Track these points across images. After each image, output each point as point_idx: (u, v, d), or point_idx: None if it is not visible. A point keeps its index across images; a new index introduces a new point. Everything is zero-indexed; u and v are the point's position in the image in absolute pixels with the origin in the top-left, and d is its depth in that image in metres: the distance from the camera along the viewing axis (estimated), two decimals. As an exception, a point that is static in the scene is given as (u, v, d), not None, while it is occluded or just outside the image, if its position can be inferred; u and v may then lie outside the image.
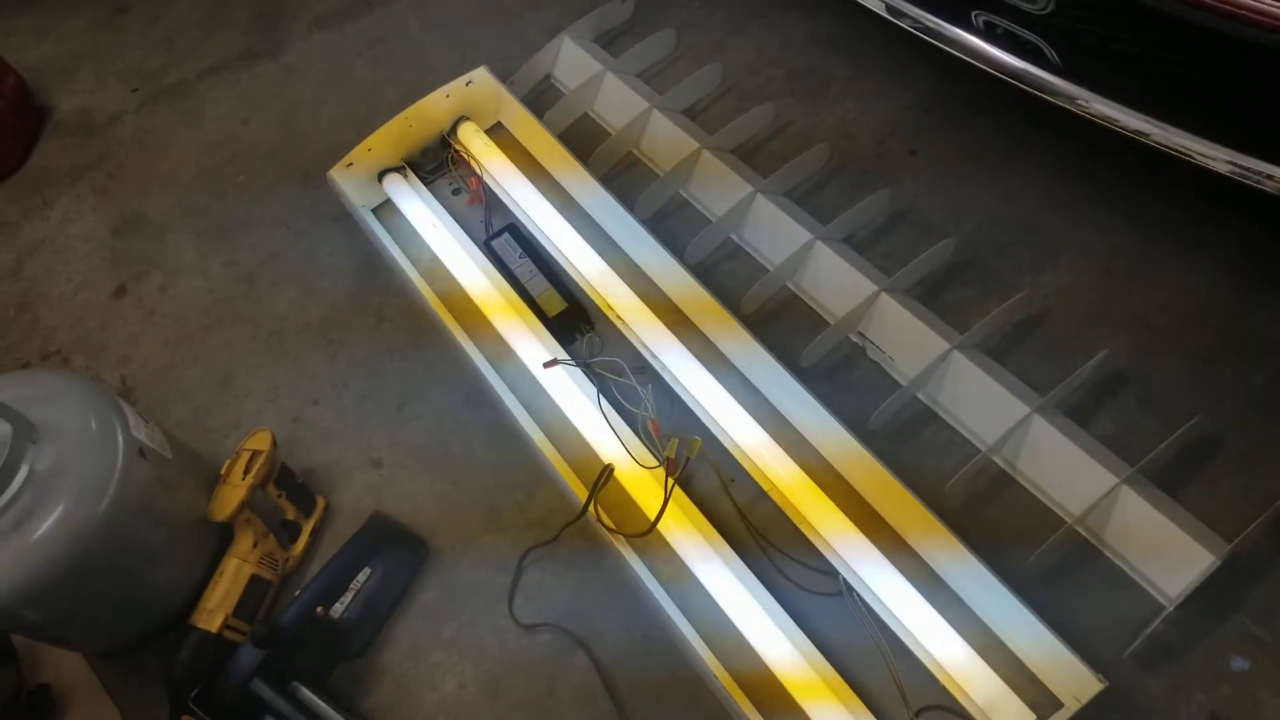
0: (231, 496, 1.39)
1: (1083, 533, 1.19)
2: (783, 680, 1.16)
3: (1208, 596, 1.09)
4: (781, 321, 1.47)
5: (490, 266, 1.59)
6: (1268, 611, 1.10)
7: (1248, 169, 1.13)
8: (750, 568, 1.24)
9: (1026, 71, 1.27)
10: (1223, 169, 1.15)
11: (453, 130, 1.74)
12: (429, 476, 1.51)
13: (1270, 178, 1.12)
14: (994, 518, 1.23)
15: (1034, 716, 1.05)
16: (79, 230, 2.02)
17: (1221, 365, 1.24)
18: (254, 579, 1.40)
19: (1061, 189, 1.45)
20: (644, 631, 1.29)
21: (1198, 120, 1.16)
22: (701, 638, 1.20)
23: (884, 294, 1.33)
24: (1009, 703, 1.07)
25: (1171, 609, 1.08)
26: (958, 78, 1.62)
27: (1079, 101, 1.24)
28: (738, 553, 1.26)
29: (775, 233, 1.48)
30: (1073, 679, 1.04)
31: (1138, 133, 1.19)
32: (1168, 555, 1.10)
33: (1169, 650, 1.11)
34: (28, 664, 1.47)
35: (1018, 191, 1.47)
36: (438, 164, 1.75)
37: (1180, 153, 1.18)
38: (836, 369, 1.40)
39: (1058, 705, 1.06)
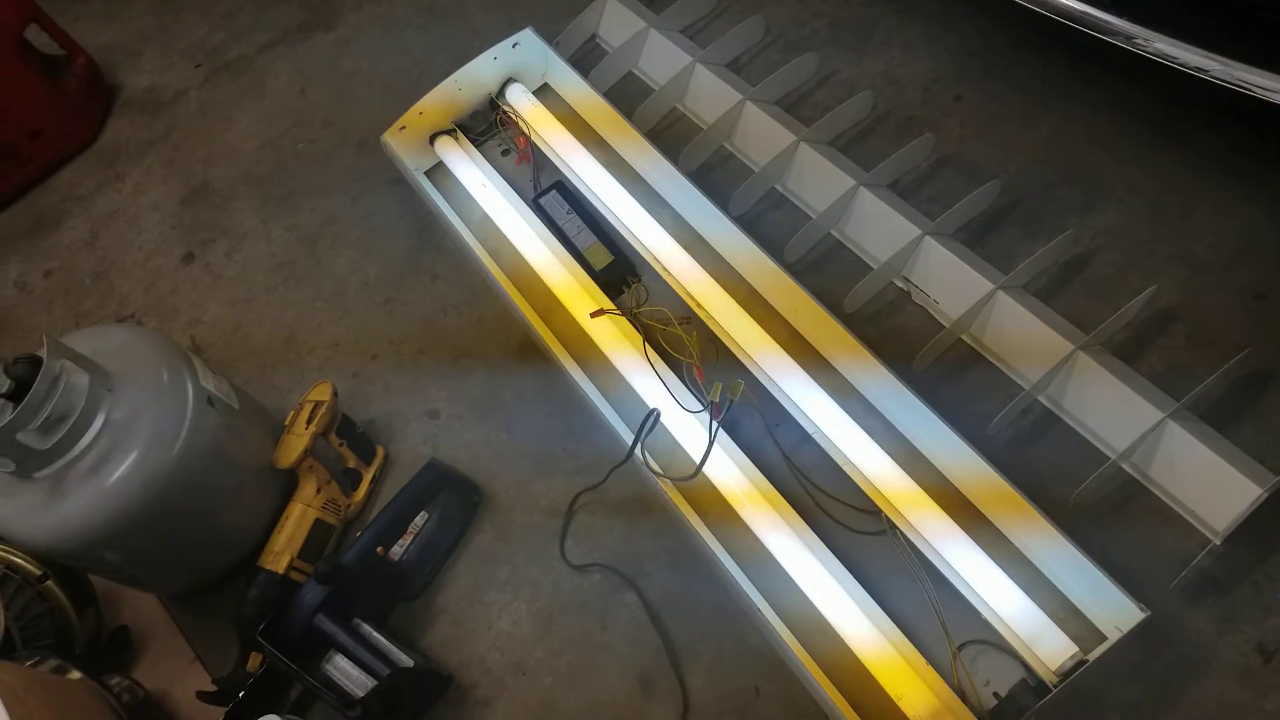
0: (295, 444, 1.46)
1: (1129, 470, 1.18)
2: (826, 615, 1.19)
3: (1256, 530, 1.08)
4: (826, 269, 1.48)
5: (539, 223, 1.62)
6: (1319, 544, 1.09)
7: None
8: (794, 507, 1.27)
9: (1085, 13, 1.25)
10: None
11: (501, 92, 1.78)
12: (483, 426, 1.56)
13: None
14: (1039, 456, 1.23)
15: (1076, 648, 1.06)
16: (149, 201, 2.12)
17: (1273, 300, 1.22)
18: (318, 523, 1.47)
19: (1110, 128, 1.43)
20: (691, 570, 1.32)
21: (1260, 53, 1.14)
22: (747, 577, 1.23)
23: (928, 237, 1.33)
24: (1052, 635, 1.08)
25: (1219, 543, 1.07)
26: (1002, 20, 1.60)
27: (1138, 40, 1.22)
28: (782, 494, 1.28)
29: (819, 181, 1.48)
30: (1115, 610, 1.05)
31: (1198, 69, 1.17)
32: (1214, 489, 1.10)
33: (1216, 584, 1.10)
34: (107, 607, 1.57)
35: (1064, 132, 1.45)
36: (487, 126, 1.79)
37: (1240, 87, 1.15)
38: (882, 314, 1.41)
39: (1101, 638, 1.06)
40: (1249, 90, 1.15)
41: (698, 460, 1.29)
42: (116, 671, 1.45)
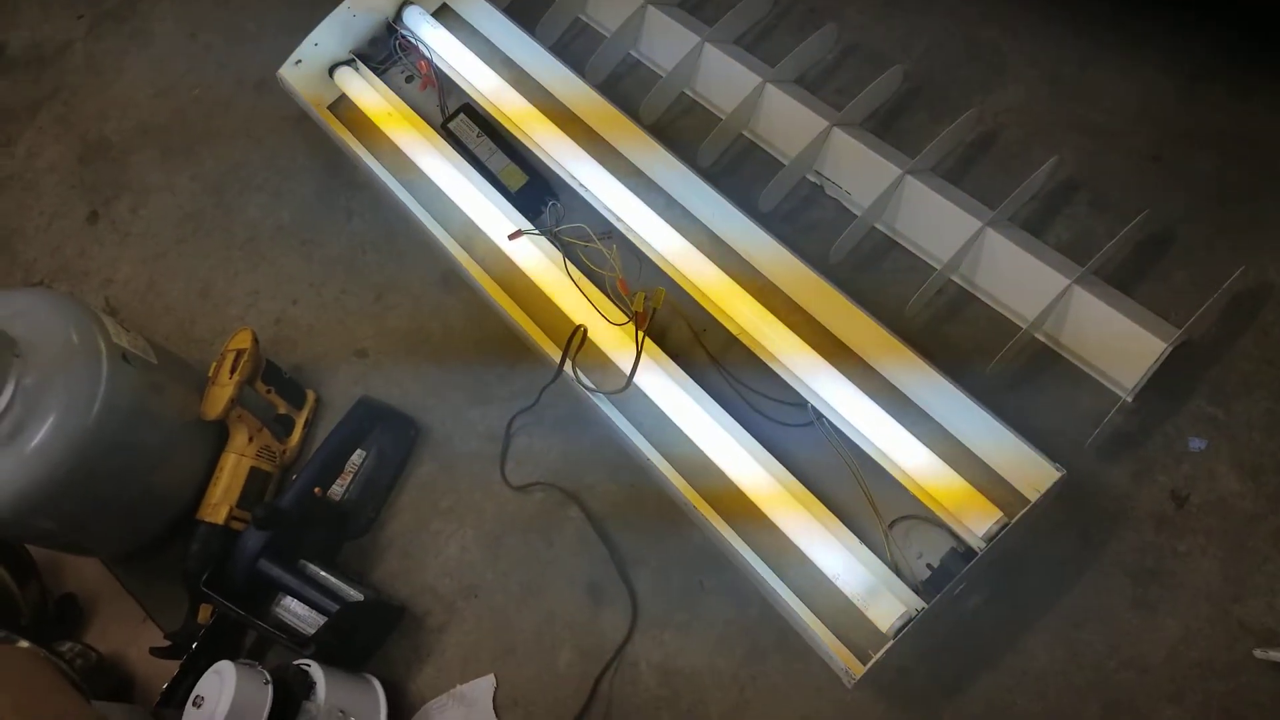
0: (220, 395, 1.43)
1: (1041, 338, 1.21)
2: (763, 507, 1.21)
3: (1165, 385, 1.12)
4: (743, 170, 1.47)
5: (449, 149, 1.58)
6: (1222, 392, 1.13)
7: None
8: (726, 408, 1.28)
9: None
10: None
11: (398, 16, 1.71)
12: (413, 360, 1.55)
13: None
14: (956, 334, 1.26)
15: (1000, 513, 1.10)
16: (45, 162, 2.03)
17: (1169, 160, 1.24)
18: (253, 471, 1.45)
19: (1001, 6, 1.42)
20: (631, 479, 1.34)
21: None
22: (684, 478, 1.24)
23: (835, 129, 1.33)
24: (977, 503, 1.12)
25: (1128, 399, 1.11)
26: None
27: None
28: (713, 395, 1.29)
29: (727, 81, 1.46)
30: (1033, 473, 1.08)
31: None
32: (1122, 349, 1.13)
33: (1129, 439, 1.15)
34: (51, 576, 1.55)
35: (960, 13, 1.44)
36: (387, 53, 1.73)
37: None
38: (797, 210, 1.41)
39: (1025, 502, 1.10)
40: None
41: (628, 371, 1.30)
42: (67, 638, 1.45)
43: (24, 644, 1.35)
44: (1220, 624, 1.05)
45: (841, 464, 1.22)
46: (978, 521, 1.11)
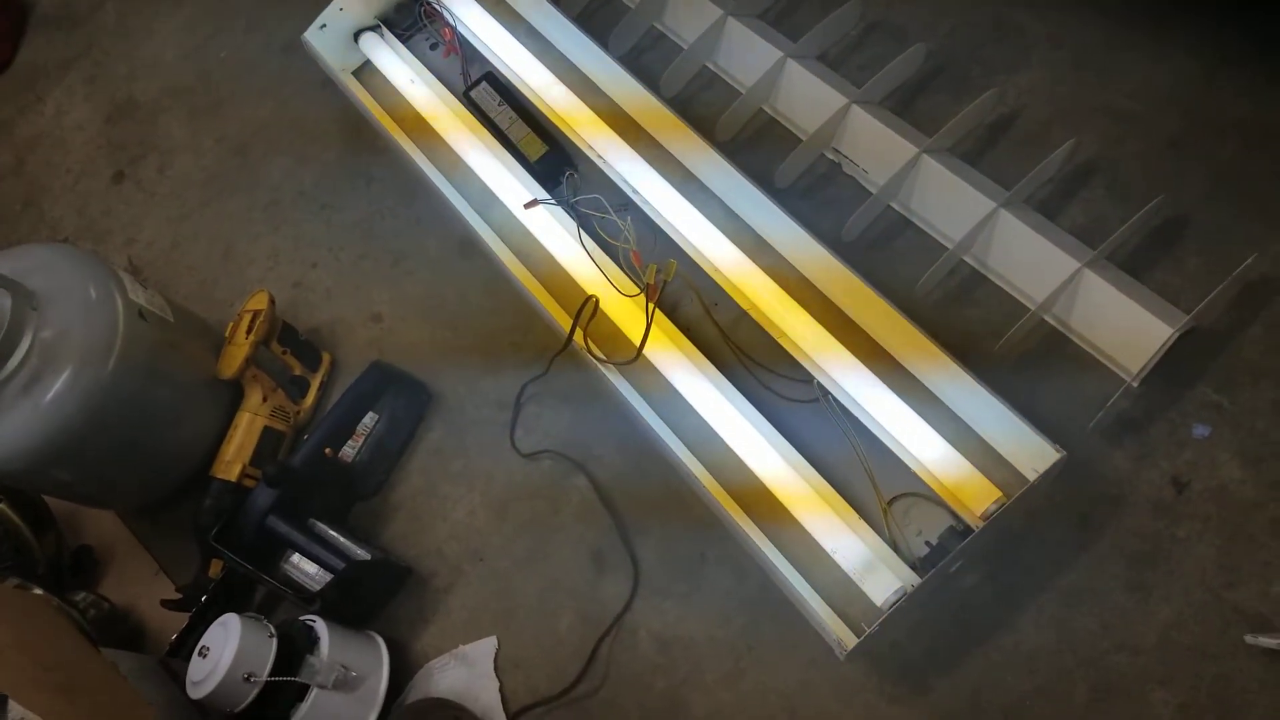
0: (236, 354, 1.46)
1: (1050, 321, 1.21)
2: (765, 482, 1.22)
3: (1173, 371, 1.11)
4: (762, 145, 1.46)
5: (471, 117, 1.59)
6: (1229, 380, 1.12)
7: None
8: (733, 383, 1.29)
9: None
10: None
11: (424, -18, 1.72)
12: (428, 326, 1.57)
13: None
14: (966, 315, 1.26)
15: (999, 493, 1.10)
16: (73, 121, 2.06)
17: (1188, 147, 1.23)
18: (267, 430, 1.48)
19: (1034, -17, 1.41)
20: (638, 451, 1.36)
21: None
22: (690, 451, 1.26)
23: (854, 106, 1.32)
24: (976, 483, 1.12)
25: (1134, 383, 1.10)
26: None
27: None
28: (721, 370, 1.30)
29: (748, 55, 1.45)
30: (1034, 453, 1.08)
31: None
32: (1130, 333, 1.12)
33: (1133, 423, 1.14)
34: (69, 528, 1.59)
35: (988, -11, 1.43)
36: (412, 20, 1.74)
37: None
38: (814, 187, 1.41)
39: (1025, 482, 1.10)
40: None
41: (638, 343, 1.31)
42: (82, 588, 1.49)
43: (38, 591, 1.39)
44: (1213, 609, 1.05)
45: (845, 440, 1.23)
46: (977, 500, 1.12)
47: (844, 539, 1.16)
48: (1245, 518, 1.07)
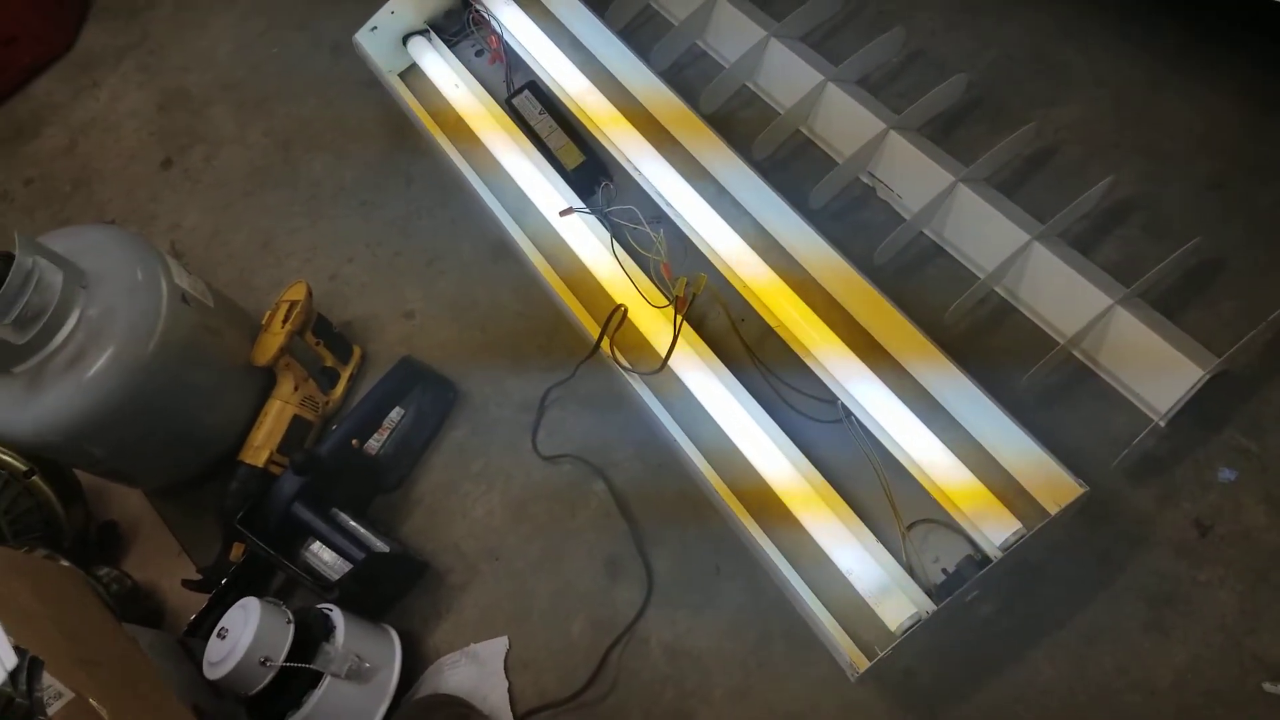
0: (271, 342, 1.49)
1: (1078, 355, 1.21)
2: (784, 499, 1.22)
3: (1200, 412, 1.11)
4: (797, 166, 1.48)
5: (511, 124, 1.62)
6: (1258, 425, 1.11)
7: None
8: (757, 399, 1.30)
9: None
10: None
11: (474, -10, 1.75)
12: (458, 325, 1.59)
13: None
14: (994, 344, 1.26)
15: (1020, 524, 1.10)
16: (126, 108, 2.11)
17: (1230, 189, 1.22)
18: (296, 419, 1.51)
19: (1078, 19, 1.41)
20: (658, 460, 1.37)
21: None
22: (710, 464, 1.26)
23: (892, 132, 1.33)
24: (996, 513, 1.12)
25: (1161, 423, 1.10)
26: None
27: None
28: (745, 385, 1.31)
29: (789, 77, 1.47)
30: (1057, 487, 1.08)
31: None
32: (1160, 372, 1.12)
33: (1158, 463, 1.14)
34: (97, 503, 1.62)
35: (1034, 25, 1.43)
36: (460, 26, 1.77)
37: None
38: (847, 210, 1.42)
39: (1045, 515, 1.10)
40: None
41: (664, 354, 1.32)
42: (105, 563, 1.51)
43: (64, 563, 1.42)
44: (1232, 655, 1.04)
45: (866, 462, 1.23)
46: (996, 531, 1.11)
47: (861, 560, 1.16)
48: (1269, 564, 1.06)
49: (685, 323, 1.33)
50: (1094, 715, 1.07)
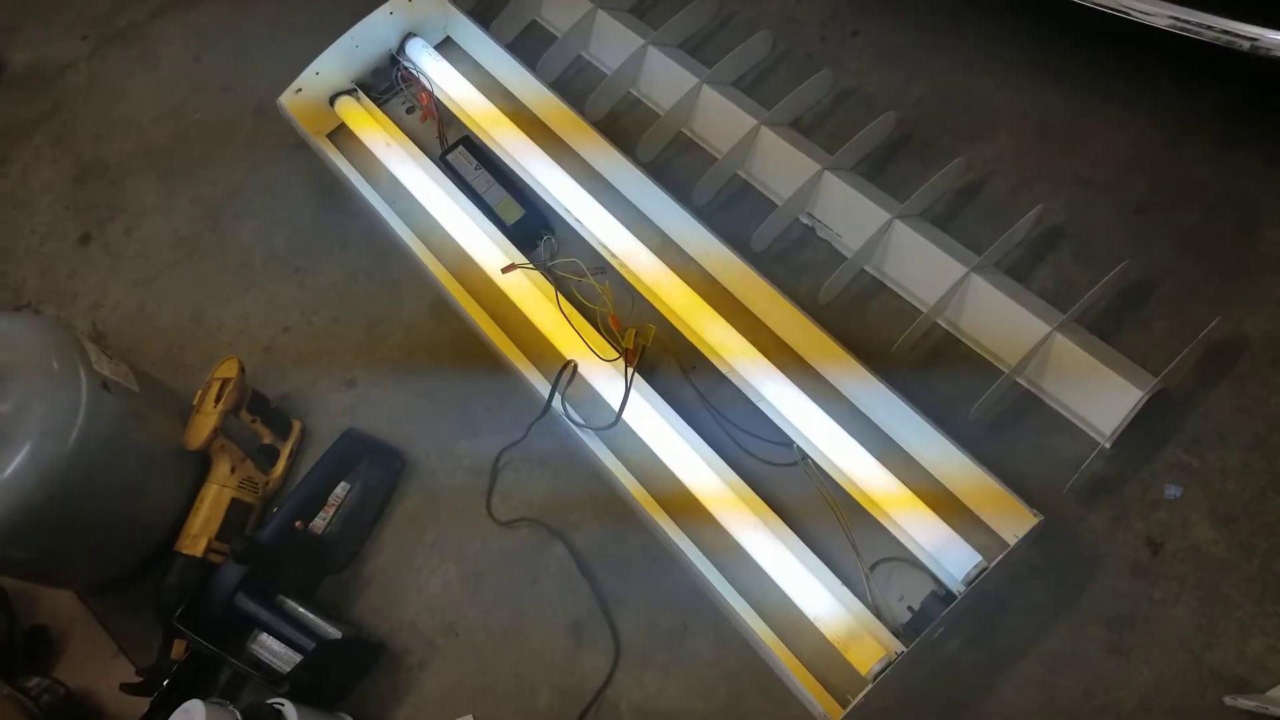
0: (204, 424, 1.43)
1: (1023, 383, 1.23)
2: (747, 547, 1.21)
3: (1144, 432, 1.13)
4: (737, 209, 1.48)
5: (447, 180, 1.60)
6: (1198, 440, 1.14)
7: (1187, 21, 1.14)
8: (713, 446, 1.29)
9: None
10: (1162, 24, 1.16)
11: (401, 48, 1.73)
12: (402, 392, 1.55)
13: (1208, 27, 1.13)
14: (941, 376, 1.27)
15: (980, 557, 1.11)
16: (39, 182, 2.03)
17: (1154, 212, 1.27)
18: (234, 503, 1.44)
19: (996, 60, 1.46)
20: (618, 516, 1.34)
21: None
22: (670, 516, 1.25)
23: (827, 172, 1.35)
24: (958, 547, 1.12)
25: (1107, 445, 1.12)
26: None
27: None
28: (700, 433, 1.30)
29: (722, 122, 1.48)
30: (1012, 518, 1.09)
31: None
32: (1101, 395, 1.14)
33: (1107, 485, 1.16)
34: (23, 607, 1.52)
35: (955, 64, 1.48)
36: (389, 84, 1.75)
37: (1120, 12, 1.19)
38: (789, 250, 1.43)
39: (1004, 546, 1.11)
40: (1127, 14, 1.18)
41: (617, 407, 1.30)
42: (35, 672, 1.42)
43: (-13, 678, 1.33)
44: (1192, 671, 1.06)
45: (824, 504, 1.23)
46: (958, 564, 1.12)
47: (827, 605, 1.15)
48: (1219, 578, 1.08)
49: (637, 374, 1.32)
50: (1067, 742, 1.07)
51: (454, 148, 1.64)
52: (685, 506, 1.26)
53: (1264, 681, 1.02)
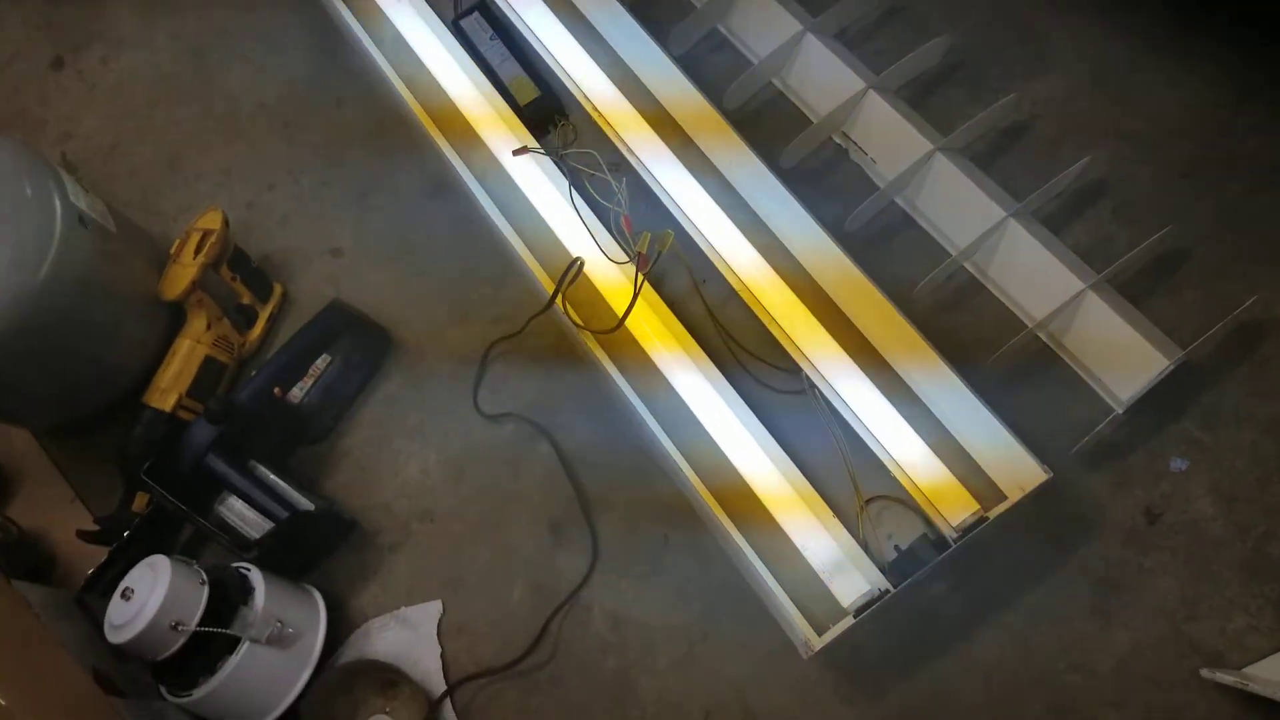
0: (182, 275, 1.35)
1: (1044, 338, 1.20)
2: (739, 470, 1.19)
3: (1159, 402, 1.12)
4: (766, 121, 1.40)
5: (458, 48, 1.49)
6: (1212, 416, 1.13)
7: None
8: (717, 365, 1.25)
9: None
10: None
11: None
12: (393, 267, 1.47)
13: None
14: (960, 322, 1.24)
15: (977, 506, 1.09)
16: (8, -6, 1.86)
17: (1200, 177, 1.23)
18: (208, 360, 1.37)
19: (1061, -8, 1.39)
20: (608, 424, 1.30)
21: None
22: (664, 430, 1.21)
23: (871, 92, 1.28)
24: (955, 493, 1.11)
25: (1121, 412, 1.10)
26: None
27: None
28: (705, 350, 1.26)
29: (764, 24, 1.39)
30: (1020, 471, 1.08)
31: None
32: (1123, 360, 1.12)
33: (1115, 450, 1.15)
34: (-25, 443, 1.46)
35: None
36: (402, -67, 1.61)
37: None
38: (818, 172, 1.36)
39: (1002, 497, 1.10)
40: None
41: (620, 312, 1.25)
42: (-14, 508, 1.37)
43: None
44: (1171, 641, 1.07)
45: (827, 435, 1.20)
46: (954, 512, 1.10)
47: (816, 536, 1.14)
48: (1212, 554, 1.09)
49: (646, 281, 1.26)
50: (1035, 695, 1.09)
51: (469, 13, 1.52)
52: (681, 422, 1.22)
53: (1240, 659, 1.04)
